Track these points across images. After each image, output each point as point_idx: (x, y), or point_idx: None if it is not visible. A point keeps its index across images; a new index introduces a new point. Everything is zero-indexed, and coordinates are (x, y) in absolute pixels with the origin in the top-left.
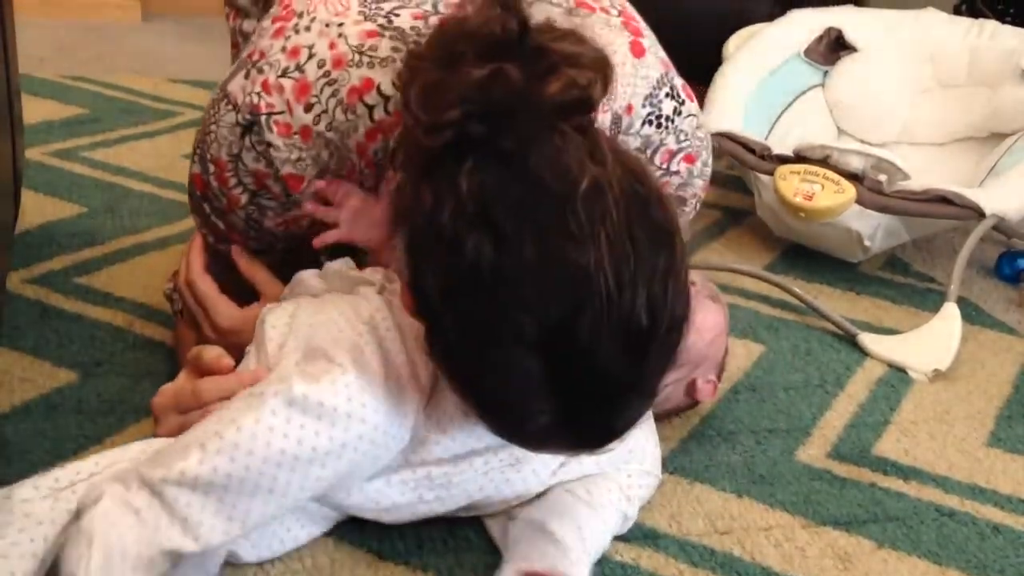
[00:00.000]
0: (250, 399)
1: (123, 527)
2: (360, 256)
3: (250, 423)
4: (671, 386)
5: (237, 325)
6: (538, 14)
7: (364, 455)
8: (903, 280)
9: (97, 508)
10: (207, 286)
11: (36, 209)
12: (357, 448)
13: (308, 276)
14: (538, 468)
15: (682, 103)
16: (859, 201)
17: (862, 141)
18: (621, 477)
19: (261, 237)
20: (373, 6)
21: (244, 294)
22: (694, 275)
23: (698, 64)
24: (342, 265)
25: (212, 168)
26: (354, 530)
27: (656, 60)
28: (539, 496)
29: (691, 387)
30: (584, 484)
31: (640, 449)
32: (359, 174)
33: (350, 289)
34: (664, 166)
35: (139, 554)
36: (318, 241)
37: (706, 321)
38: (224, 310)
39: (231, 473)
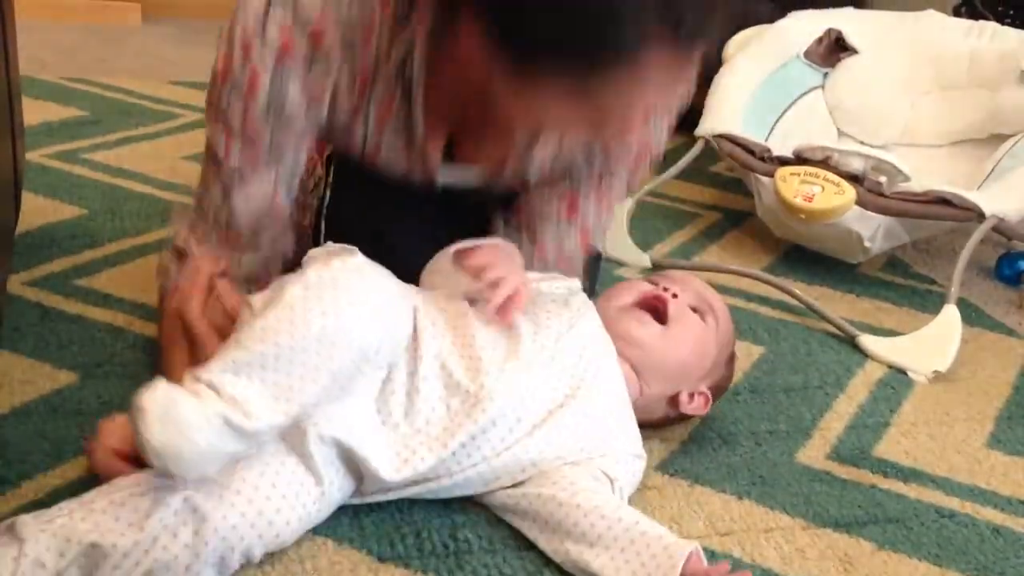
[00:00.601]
0: (271, 301)
1: (182, 396)
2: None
3: (275, 312)
4: (654, 399)
5: None
6: None
7: (386, 327)
8: (903, 282)
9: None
10: (203, 329)
11: (36, 211)
12: (379, 317)
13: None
14: (508, 415)
15: None
16: (859, 203)
17: (862, 143)
18: (608, 463)
19: (279, 133)
20: None
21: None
22: (676, 287)
23: (698, 66)
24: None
25: (239, 37)
26: (354, 533)
27: None
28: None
29: (674, 401)
30: (576, 477)
31: (622, 429)
32: (377, 32)
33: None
34: None
35: (196, 419)
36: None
37: (684, 334)
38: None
39: (265, 352)
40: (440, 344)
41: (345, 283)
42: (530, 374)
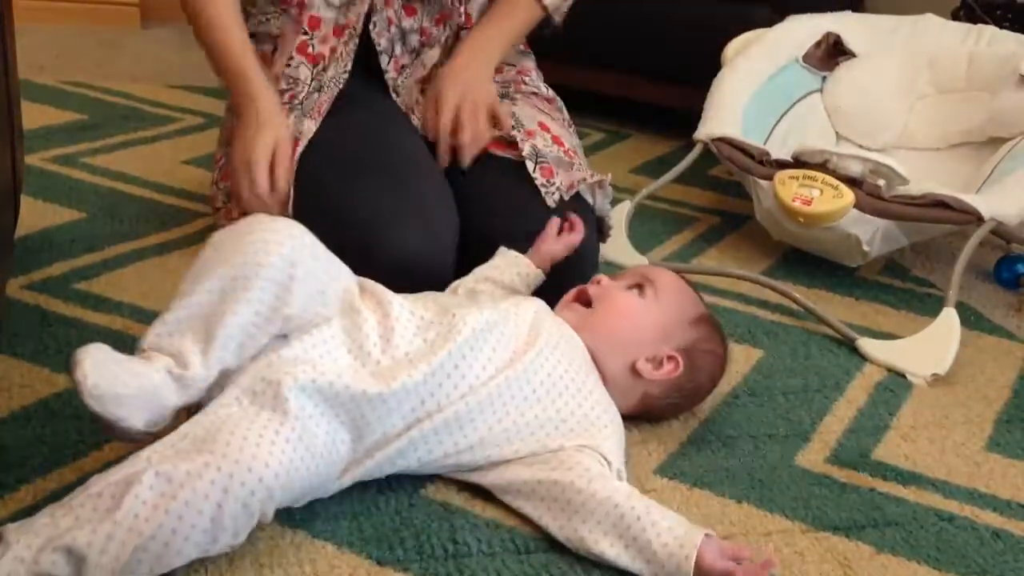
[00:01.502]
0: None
1: (121, 355)
2: None
3: (191, 272)
4: (617, 376)
5: None
6: None
7: (293, 248)
8: (902, 285)
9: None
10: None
11: (36, 215)
12: (281, 243)
13: None
14: (484, 344)
15: None
16: (858, 206)
17: (861, 146)
18: (599, 441)
19: None
20: None
21: None
22: (607, 277)
23: (697, 69)
24: None
25: None
26: (354, 537)
27: None
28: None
29: (634, 370)
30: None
31: (594, 389)
32: None
33: None
34: None
35: (137, 369)
36: None
37: (609, 307)
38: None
39: (188, 303)
40: (404, 297)
41: (247, 228)
42: (496, 313)
